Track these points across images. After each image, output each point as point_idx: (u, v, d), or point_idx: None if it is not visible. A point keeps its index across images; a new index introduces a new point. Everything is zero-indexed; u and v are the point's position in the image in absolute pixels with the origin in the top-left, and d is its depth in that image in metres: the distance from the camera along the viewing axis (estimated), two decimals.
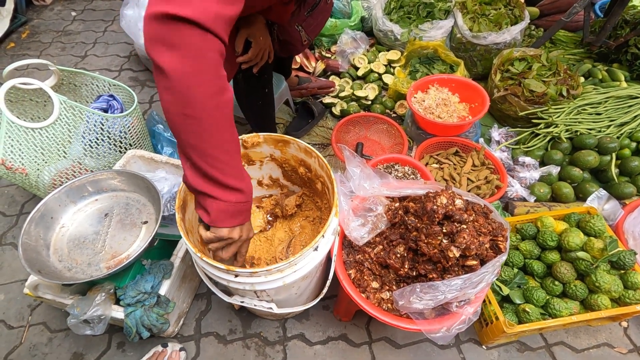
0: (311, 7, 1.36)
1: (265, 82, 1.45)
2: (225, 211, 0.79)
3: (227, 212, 0.80)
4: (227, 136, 0.73)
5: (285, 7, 1.17)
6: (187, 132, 0.68)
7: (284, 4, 1.16)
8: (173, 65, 0.60)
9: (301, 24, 1.39)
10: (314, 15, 1.40)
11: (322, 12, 1.44)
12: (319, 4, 1.38)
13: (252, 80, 1.39)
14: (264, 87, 1.47)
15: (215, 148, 0.72)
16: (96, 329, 1.04)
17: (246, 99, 1.52)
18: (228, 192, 0.78)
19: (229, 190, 0.78)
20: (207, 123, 0.67)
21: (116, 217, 1.17)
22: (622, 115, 1.73)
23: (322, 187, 1.19)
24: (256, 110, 1.56)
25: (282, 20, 1.26)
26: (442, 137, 1.74)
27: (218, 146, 0.72)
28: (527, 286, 1.26)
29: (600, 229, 1.28)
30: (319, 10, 1.40)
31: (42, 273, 0.97)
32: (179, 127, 0.68)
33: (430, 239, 0.95)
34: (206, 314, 1.38)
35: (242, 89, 1.46)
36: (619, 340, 1.33)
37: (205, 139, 0.69)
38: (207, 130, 0.68)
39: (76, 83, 1.57)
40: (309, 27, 1.43)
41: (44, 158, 1.35)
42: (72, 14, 2.92)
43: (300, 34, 1.42)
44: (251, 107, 1.55)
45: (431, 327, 0.95)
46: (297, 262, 0.90)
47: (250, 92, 1.48)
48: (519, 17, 2.10)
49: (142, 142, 1.60)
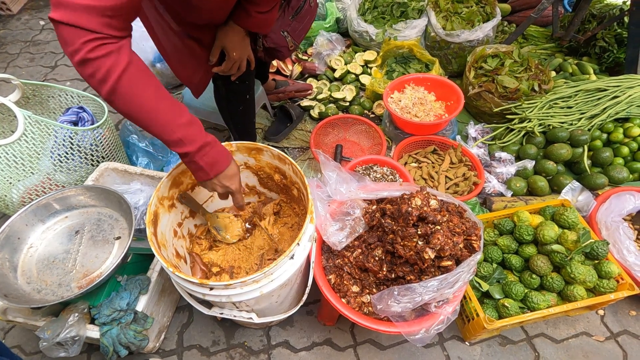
0: (295, 11, 1.34)
1: (247, 88, 1.44)
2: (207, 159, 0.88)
3: (209, 160, 0.88)
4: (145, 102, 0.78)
5: (265, 17, 1.13)
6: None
7: (263, 13, 1.11)
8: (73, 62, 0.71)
9: (287, 30, 1.37)
10: (298, 18, 1.38)
11: (307, 14, 1.42)
12: (304, 7, 1.36)
13: (233, 87, 1.37)
14: (245, 94, 1.46)
15: (145, 113, 0.78)
16: (70, 350, 1.00)
17: (227, 106, 1.50)
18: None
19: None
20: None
21: (87, 233, 1.13)
22: (592, 108, 1.77)
23: (298, 194, 1.18)
24: (237, 116, 1.55)
25: (263, 30, 1.23)
26: (419, 136, 1.75)
27: (145, 112, 0.78)
28: (506, 281, 1.28)
29: (574, 221, 1.31)
30: (303, 13, 1.38)
31: (8, 297, 0.93)
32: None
33: (406, 241, 0.96)
34: (188, 327, 1.35)
35: (223, 96, 1.45)
36: (596, 329, 1.37)
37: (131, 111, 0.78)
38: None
39: (43, 96, 1.52)
40: (294, 32, 1.40)
41: (10, 175, 1.30)
42: (40, 23, 2.83)
43: (287, 39, 1.39)
44: (232, 114, 1.54)
45: (410, 329, 0.95)
46: (273, 272, 0.89)
47: (231, 99, 1.46)
48: (490, 14, 2.13)
49: (116, 154, 1.56)
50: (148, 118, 0.79)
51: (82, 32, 0.67)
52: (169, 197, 1.08)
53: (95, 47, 0.68)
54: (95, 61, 0.70)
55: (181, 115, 0.83)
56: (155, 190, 1.00)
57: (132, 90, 0.75)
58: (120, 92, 0.74)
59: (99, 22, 0.67)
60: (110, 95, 0.74)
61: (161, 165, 1.68)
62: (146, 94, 0.77)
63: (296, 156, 1.90)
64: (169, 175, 1.05)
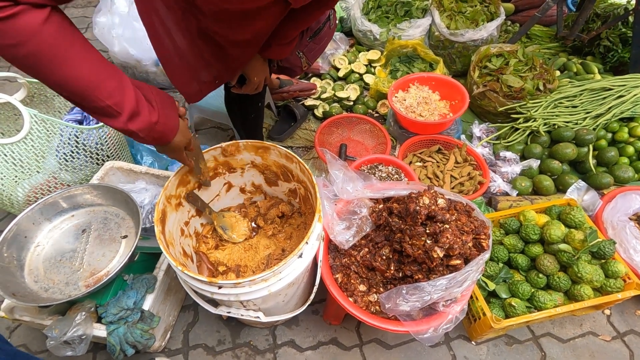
0: (314, 32, 1.30)
1: (260, 97, 1.45)
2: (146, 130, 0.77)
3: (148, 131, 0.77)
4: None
5: (283, 48, 1.12)
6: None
7: (283, 45, 1.11)
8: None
9: (302, 50, 1.34)
10: (316, 40, 1.34)
11: (325, 36, 1.37)
12: (323, 29, 1.31)
13: (247, 97, 1.36)
14: (258, 102, 1.48)
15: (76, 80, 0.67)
16: (77, 349, 1.00)
17: (240, 111, 1.51)
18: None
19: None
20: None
21: (94, 232, 1.13)
22: (597, 107, 1.77)
23: (305, 192, 1.18)
24: (248, 122, 1.56)
25: (281, 57, 1.22)
26: (424, 136, 1.75)
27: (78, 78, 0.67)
28: (512, 280, 1.28)
29: (580, 220, 1.30)
30: (322, 35, 1.33)
31: (16, 296, 0.93)
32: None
33: (414, 240, 0.96)
34: (194, 326, 1.35)
35: (235, 102, 1.45)
36: (602, 328, 1.36)
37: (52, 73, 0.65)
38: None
39: (48, 94, 1.52)
40: (310, 52, 1.37)
41: (16, 174, 1.30)
42: None
43: (301, 60, 1.37)
44: (243, 119, 1.54)
45: (419, 328, 0.95)
46: (281, 271, 0.89)
47: (243, 106, 1.47)
48: (494, 13, 2.13)
49: (121, 153, 1.56)
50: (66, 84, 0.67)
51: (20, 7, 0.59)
52: (176, 195, 1.08)
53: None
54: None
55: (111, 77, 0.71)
56: (163, 188, 1.00)
57: (52, 53, 0.64)
58: (38, 56, 0.63)
59: None
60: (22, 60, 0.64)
61: (166, 165, 1.68)
62: (70, 53, 0.65)
63: (300, 155, 1.90)
64: (177, 174, 1.05)
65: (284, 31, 1.03)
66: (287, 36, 1.08)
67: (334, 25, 1.39)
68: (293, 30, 1.07)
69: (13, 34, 0.59)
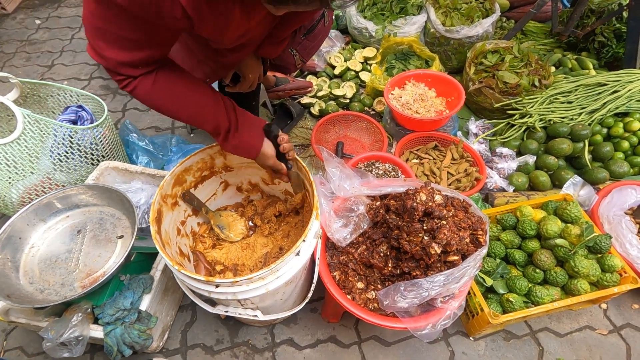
0: (308, 30, 1.28)
1: (254, 94, 1.44)
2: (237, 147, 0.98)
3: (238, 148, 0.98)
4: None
5: (275, 47, 1.13)
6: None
7: (275, 44, 1.12)
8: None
9: (296, 48, 1.33)
10: (310, 37, 1.32)
11: (320, 33, 1.35)
12: (317, 27, 1.29)
13: (241, 94, 1.35)
14: (252, 100, 1.47)
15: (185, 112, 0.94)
16: (74, 351, 0.99)
17: None
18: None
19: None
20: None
21: (90, 233, 1.12)
22: (592, 103, 1.77)
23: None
24: None
25: (272, 56, 1.24)
26: (420, 132, 1.75)
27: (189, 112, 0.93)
28: (509, 276, 1.28)
29: (577, 215, 1.31)
30: (316, 32, 1.31)
31: (11, 298, 0.92)
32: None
33: (412, 236, 0.95)
34: (192, 326, 1.35)
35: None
36: (599, 322, 1.37)
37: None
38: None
39: (41, 95, 1.50)
40: (304, 50, 1.36)
41: (10, 175, 1.28)
42: (36, 22, 2.80)
43: (295, 57, 1.36)
44: None
45: (417, 325, 0.95)
46: (279, 269, 0.89)
47: (238, 104, 1.46)
48: (489, 9, 2.13)
49: (116, 153, 1.55)
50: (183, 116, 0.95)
51: (112, 74, 0.84)
52: (172, 195, 1.07)
53: (124, 85, 0.86)
54: (129, 91, 0.87)
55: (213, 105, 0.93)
56: (159, 188, 0.99)
57: (163, 101, 0.90)
58: (154, 105, 0.91)
59: (120, 69, 0.82)
60: (150, 105, 0.91)
61: (161, 164, 1.67)
62: (175, 97, 0.91)
63: (297, 154, 1.89)
64: (172, 173, 1.04)
65: (276, 31, 1.04)
66: (279, 35, 1.08)
67: (330, 22, 1.38)
68: (285, 30, 1.07)
69: (138, 97, 0.88)
